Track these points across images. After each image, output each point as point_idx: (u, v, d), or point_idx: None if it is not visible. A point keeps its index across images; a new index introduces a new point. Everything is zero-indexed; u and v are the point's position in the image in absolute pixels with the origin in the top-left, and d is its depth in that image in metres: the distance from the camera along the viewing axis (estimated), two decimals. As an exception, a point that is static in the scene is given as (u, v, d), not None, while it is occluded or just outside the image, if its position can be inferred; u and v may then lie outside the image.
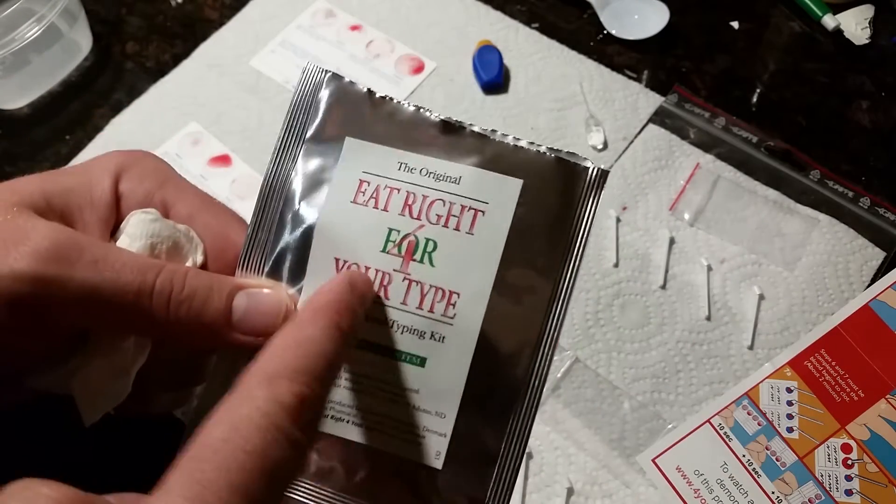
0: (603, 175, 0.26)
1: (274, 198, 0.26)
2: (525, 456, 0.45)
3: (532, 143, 0.26)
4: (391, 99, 0.27)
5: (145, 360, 0.26)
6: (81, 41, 0.65)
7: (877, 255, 0.50)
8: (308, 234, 0.26)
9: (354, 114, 0.27)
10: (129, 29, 0.67)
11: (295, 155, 0.27)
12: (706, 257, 0.51)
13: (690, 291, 0.50)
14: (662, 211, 0.53)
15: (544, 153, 0.26)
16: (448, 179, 0.26)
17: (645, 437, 0.46)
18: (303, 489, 0.25)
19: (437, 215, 0.25)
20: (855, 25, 0.62)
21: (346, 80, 0.27)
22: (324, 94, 0.27)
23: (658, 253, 0.52)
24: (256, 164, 0.58)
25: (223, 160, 0.59)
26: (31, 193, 0.24)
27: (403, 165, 0.26)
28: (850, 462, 0.42)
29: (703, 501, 0.43)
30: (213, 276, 0.25)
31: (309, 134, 0.27)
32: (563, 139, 0.57)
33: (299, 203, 0.26)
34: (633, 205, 0.54)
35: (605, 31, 0.63)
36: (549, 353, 0.25)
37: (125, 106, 0.62)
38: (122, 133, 0.60)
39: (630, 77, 0.60)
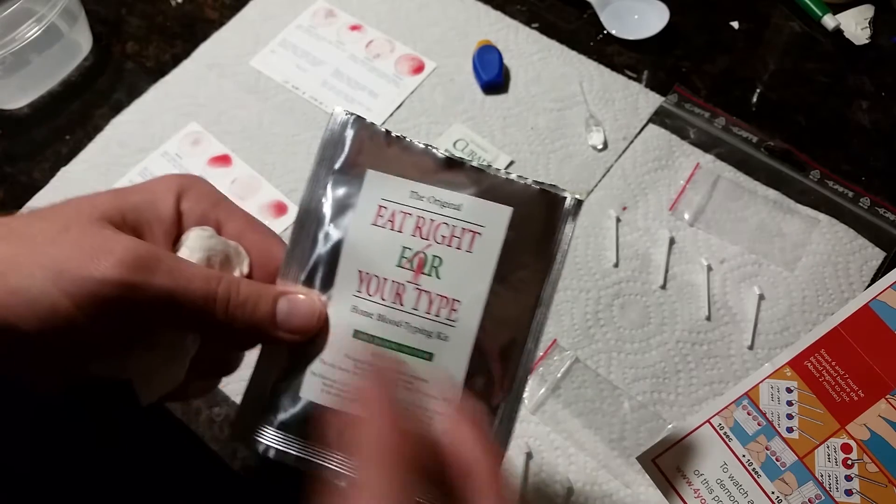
0: (578, 204, 0.31)
1: (309, 219, 0.31)
2: (526, 456, 0.45)
3: (521, 176, 0.31)
4: (404, 137, 0.31)
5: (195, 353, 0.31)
6: (81, 41, 0.65)
7: (877, 255, 0.50)
8: (337, 250, 0.31)
9: (374, 150, 0.31)
10: (129, 29, 0.67)
11: (325, 184, 0.31)
12: (706, 257, 0.51)
13: (690, 291, 0.50)
14: (662, 211, 0.53)
15: (530, 185, 0.31)
16: (451, 206, 0.30)
17: (645, 437, 0.46)
18: (335, 460, 0.30)
19: (443, 236, 0.30)
20: (855, 25, 0.62)
21: (368, 121, 0.31)
22: (349, 133, 0.31)
23: (658, 253, 0.52)
24: (256, 164, 0.58)
25: (223, 160, 0.59)
26: (108, 209, 0.28)
27: (415, 194, 0.31)
28: (849, 462, 0.42)
29: (703, 501, 0.43)
30: (260, 285, 0.30)
31: (337, 166, 0.31)
32: (563, 139, 0.57)
33: (329, 224, 0.31)
34: (633, 205, 0.54)
35: (605, 31, 0.63)
36: (534, 349, 0.30)
37: (125, 106, 0.62)
38: (122, 133, 0.60)
39: (630, 77, 0.60)
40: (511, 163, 0.56)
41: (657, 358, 0.48)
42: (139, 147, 0.59)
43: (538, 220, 0.31)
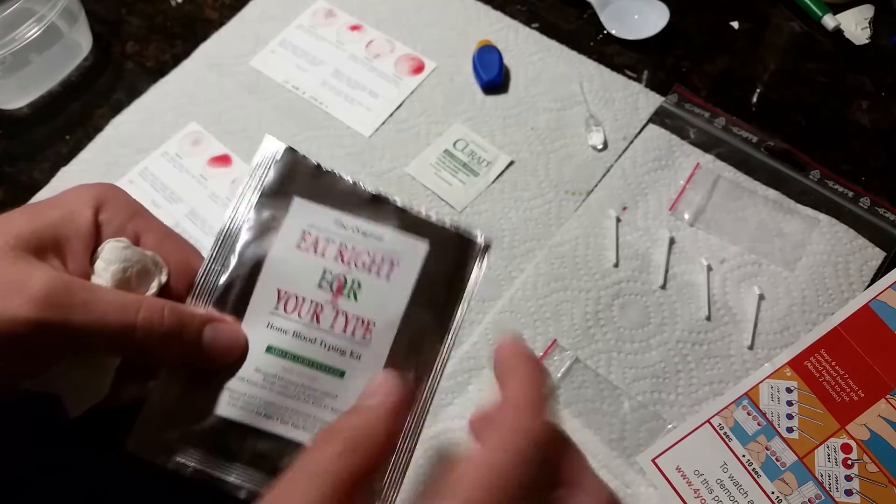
0: (487, 246, 0.34)
1: (230, 237, 0.32)
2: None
3: (439, 218, 0.33)
4: (334, 172, 0.33)
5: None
6: (81, 41, 0.65)
7: (877, 255, 0.50)
8: (256, 269, 0.32)
9: (304, 180, 0.33)
10: (129, 29, 0.67)
11: (251, 206, 0.32)
12: (706, 257, 0.51)
13: (690, 291, 0.50)
14: (662, 211, 0.53)
15: (447, 227, 0.33)
16: (373, 237, 0.33)
17: (645, 437, 0.46)
18: (236, 472, 0.30)
19: (363, 263, 0.32)
20: (855, 25, 0.62)
21: (300, 153, 0.33)
22: (281, 162, 0.33)
23: (658, 253, 0.52)
24: (256, 164, 0.58)
25: (223, 160, 0.59)
26: (21, 234, 0.28)
27: (339, 223, 0.33)
28: (849, 462, 0.42)
29: (702, 501, 0.43)
30: (184, 312, 0.30)
31: (265, 191, 0.33)
32: (563, 139, 0.57)
33: (251, 244, 0.32)
34: (633, 205, 0.54)
35: (605, 31, 0.63)
36: (439, 376, 0.32)
37: (125, 106, 0.62)
38: (122, 133, 0.60)
39: (630, 77, 0.60)
40: (511, 163, 0.56)
41: (657, 358, 0.48)
42: (139, 147, 0.59)
43: (452, 258, 0.33)
